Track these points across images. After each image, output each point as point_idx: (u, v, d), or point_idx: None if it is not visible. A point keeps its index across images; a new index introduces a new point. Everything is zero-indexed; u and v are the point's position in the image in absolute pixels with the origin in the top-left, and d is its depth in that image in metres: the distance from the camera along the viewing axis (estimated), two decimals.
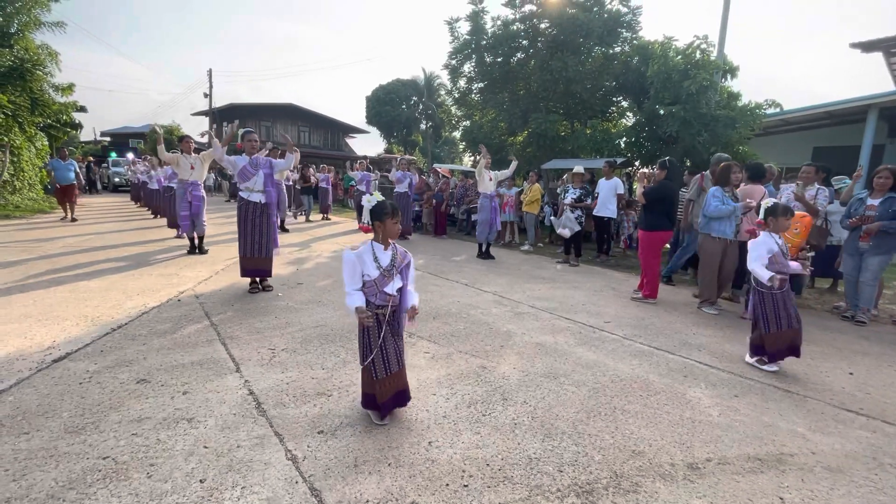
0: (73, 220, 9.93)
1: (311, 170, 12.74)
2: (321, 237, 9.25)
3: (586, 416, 2.46)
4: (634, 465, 2.05)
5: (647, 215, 5.06)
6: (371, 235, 2.28)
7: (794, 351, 3.16)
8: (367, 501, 1.74)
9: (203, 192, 6.78)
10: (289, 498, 1.74)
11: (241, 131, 4.80)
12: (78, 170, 10.43)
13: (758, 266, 3.16)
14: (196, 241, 6.68)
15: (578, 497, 1.82)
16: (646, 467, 2.03)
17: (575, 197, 7.15)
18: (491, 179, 7.42)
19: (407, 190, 9.58)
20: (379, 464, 1.97)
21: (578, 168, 7.47)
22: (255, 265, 4.61)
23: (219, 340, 3.32)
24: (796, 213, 4.26)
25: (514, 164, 7.71)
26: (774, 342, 3.16)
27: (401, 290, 2.26)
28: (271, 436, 2.15)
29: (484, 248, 7.53)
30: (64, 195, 10.00)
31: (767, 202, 3.29)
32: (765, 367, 3.23)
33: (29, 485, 1.75)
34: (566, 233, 7.04)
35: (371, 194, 2.22)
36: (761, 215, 3.27)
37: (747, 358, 3.37)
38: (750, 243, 3.27)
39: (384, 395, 2.20)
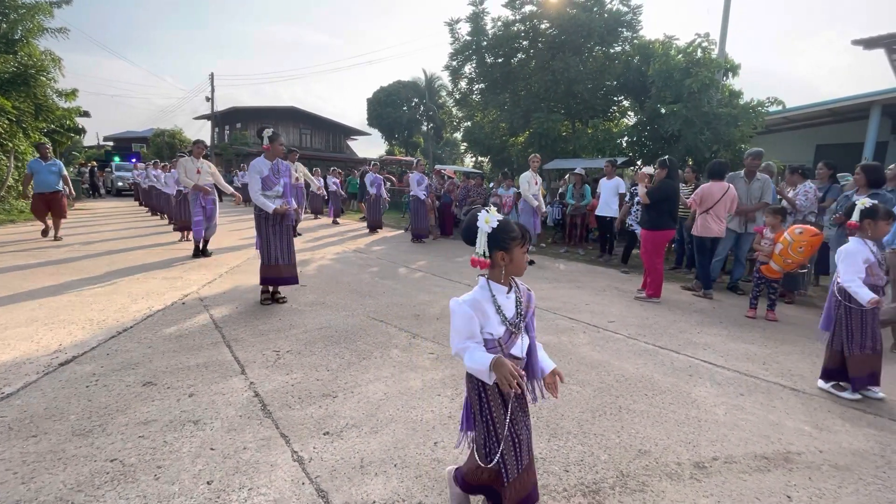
0: (57, 238, 7.74)
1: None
2: (326, 239, 9.27)
3: (592, 416, 2.45)
4: (641, 464, 2.04)
5: (651, 214, 5.05)
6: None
7: (875, 378, 2.77)
8: (374, 502, 1.74)
9: (216, 196, 6.78)
10: (296, 499, 1.74)
11: (267, 133, 4.21)
12: (65, 172, 8.00)
13: (856, 282, 2.71)
14: (201, 245, 6.66)
15: (585, 497, 1.82)
16: (652, 466, 2.03)
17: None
18: (537, 183, 7.03)
19: (425, 193, 9.27)
20: (385, 464, 1.98)
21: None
22: (279, 273, 4.27)
23: (224, 343, 3.33)
24: (806, 229, 4.11)
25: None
26: (858, 366, 2.74)
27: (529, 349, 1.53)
28: (277, 437, 2.15)
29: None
30: (47, 206, 7.68)
31: (864, 202, 2.84)
32: (844, 395, 2.81)
33: (38, 487, 1.76)
34: None
35: (486, 210, 1.49)
36: (856, 217, 2.86)
37: (820, 384, 2.94)
38: (841, 251, 2.85)
39: (512, 501, 1.48)
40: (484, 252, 1.49)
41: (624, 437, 2.25)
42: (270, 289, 4.44)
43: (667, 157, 5.15)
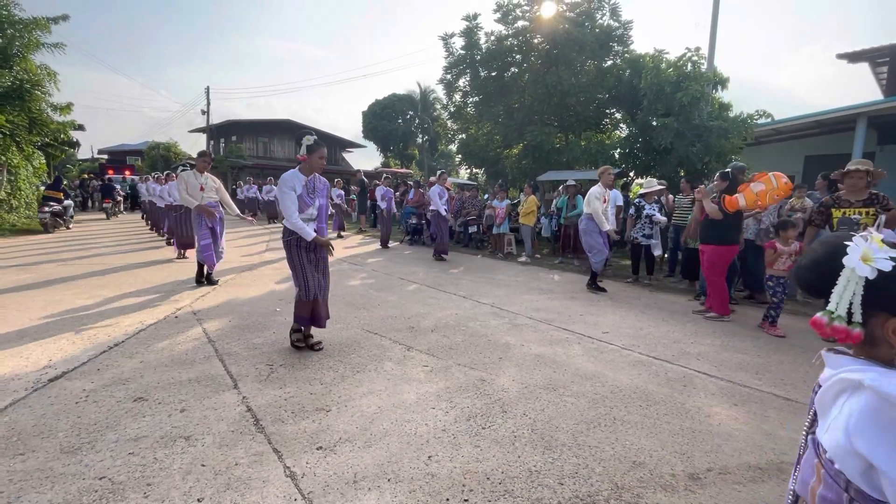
0: None
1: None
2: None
3: (586, 428, 2.45)
4: (635, 476, 2.04)
5: (719, 230, 4.85)
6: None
7: None
8: None
9: (222, 213, 5.82)
10: None
11: (307, 141, 3.31)
12: None
13: None
14: (206, 271, 5.77)
15: None
16: (647, 478, 2.02)
17: (654, 213, 6.56)
18: (606, 202, 5.96)
19: (446, 208, 8.56)
20: (378, 479, 1.96)
21: (651, 181, 7.05)
22: (317, 310, 3.54)
23: (216, 357, 3.30)
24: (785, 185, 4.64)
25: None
26: None
27: None
28: (270, 452, 2.13)
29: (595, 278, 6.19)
30: None
31: None
32: None
33: None
34: (659, 252, 6.76)
35: (865, 237, 0.83)
36: None
37: None
38: None
39: None
40: (849, 315, 0.82)
41: (618, 449, 2.25)
42: (304, 330, 3.62)
43: (727, 170, 4.98)
